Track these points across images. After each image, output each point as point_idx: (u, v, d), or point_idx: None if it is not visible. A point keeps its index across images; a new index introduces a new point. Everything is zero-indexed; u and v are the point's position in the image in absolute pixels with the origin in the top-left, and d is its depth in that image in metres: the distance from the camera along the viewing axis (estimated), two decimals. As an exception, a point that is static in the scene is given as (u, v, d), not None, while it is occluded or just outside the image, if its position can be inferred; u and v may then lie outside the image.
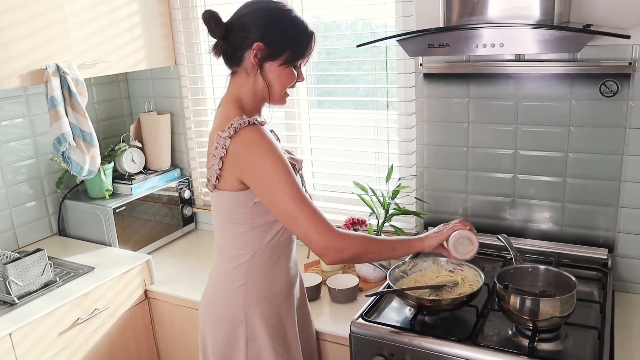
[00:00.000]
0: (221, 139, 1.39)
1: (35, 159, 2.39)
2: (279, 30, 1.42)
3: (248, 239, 1.49)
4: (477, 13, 1.68)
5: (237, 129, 1.38)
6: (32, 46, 1.96)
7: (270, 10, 1.43)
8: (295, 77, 1.49)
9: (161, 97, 2.70)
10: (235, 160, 1.39)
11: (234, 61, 1.46)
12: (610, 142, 1.83)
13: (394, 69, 2.14)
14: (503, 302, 1.57)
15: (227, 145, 1.38)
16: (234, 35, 1.43)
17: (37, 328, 1.81)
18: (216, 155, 1.41)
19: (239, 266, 1.51)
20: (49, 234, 2.48)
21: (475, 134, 2.03)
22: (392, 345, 1.61)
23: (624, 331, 1.68)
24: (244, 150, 1.37)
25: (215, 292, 1.57)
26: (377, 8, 2.13)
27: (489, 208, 2.08)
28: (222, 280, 1.55)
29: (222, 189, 1.45)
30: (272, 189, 1.37)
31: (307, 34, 1.46)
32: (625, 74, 1.75)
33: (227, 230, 1.51)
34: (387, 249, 1.48)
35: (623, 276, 1.92)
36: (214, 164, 1.43)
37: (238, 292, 1.52)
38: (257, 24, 1.41)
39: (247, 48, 1.42)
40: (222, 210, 1.50)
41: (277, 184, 1.36)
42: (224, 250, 1.54)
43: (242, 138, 1.37)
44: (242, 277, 1.51)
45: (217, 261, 1.57)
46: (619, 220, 1.88)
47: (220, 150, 1.39)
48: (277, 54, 1.43)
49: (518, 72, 1.90)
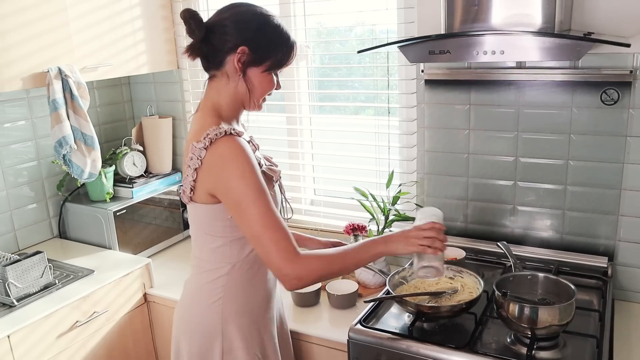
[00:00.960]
0: (196, 150, 1.35)
1: (37, 161, 2.40)
2: (264, 36, 1.40)
3: (226, 253, 1.46)
4: (478, 20, 1.68)
5: (213, 139, 1.33)
6: (35, 49, 1.97)
7: (256, 15, 1.40)
8: (274, 85, 1.46)
9: (163, 101, 2.71)
10: (208, 172, 1.35)
11: (214, 64, 1.42)
12: (611, 150, 1.83)
13: (395, 75, 2.15)
14: (502, 309, 1.56)
15: (203, 156, 1.35)
16: (215, 37, 1.38)
17: (36, 330, 1.81)
18: (191, 166, 1.38)
19: (216, 279, 1.48)
20: (49, 236, 2.48)
21: (476, 140, 2.03)
22: (390, 352, 1.61)
23: (624, 340, 1.68)
24: (219, 162, 1.33)
25: (192, 304, 1.54)
26: (379, 14, 2.13)
27: (489, 215, 2.08)
28: (199, 293, 1.52)
29: (198, 202, 1.42)
30: (242, 207, 1.33)
31: (290, 42, 1.44)
32: (626, 82, 1.75)
33: (205, 243, 1.48)
34: (352, 262, 1.43)
35: (623, 285, 1.91)
36: (188, 175, 1.39)
37: (215, 305, 1.49)
38: (241, 28, 1.37)
39: (230, 52, 1.38)
40: (198, 222, 1.47)
41: (246, 202, 1.32)
42: (202, 263, 1.51)
43: (217, 149, 1.33)
44: (219, 291, 1.48)
45: (195, 273, 1.54)
46: (619, 229, 1.88)
47: (195, 161, 1.36)
48: (261, 59, 1.40)
49: (519, 80, 1.90)
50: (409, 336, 1.62)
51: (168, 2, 2.50)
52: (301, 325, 1.84)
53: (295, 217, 2.46)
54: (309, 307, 1.95)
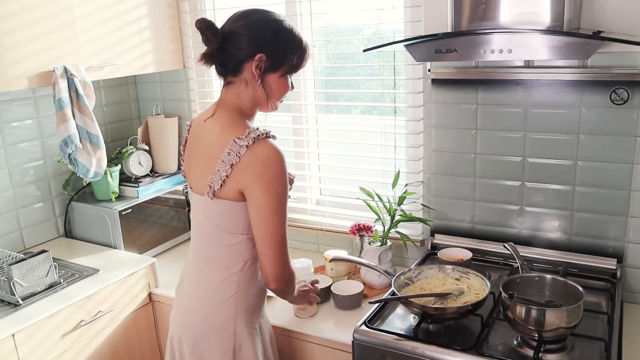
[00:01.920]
0: (236, 146, 1.37)
1: (43, 160, 2.41)
2: (280, 42, 1.42)
3: (241, 249, 1.48)
4: (486, 19, 1.67)
5: (255, 139, 1.37)
6: (41, 48, 1.98)
7: (270, 22, 1.42)
8: (289, 87, 1.50)
9: (169, 101, 2.71)
10: (247, 170, 1.37)
11: (231, 71, 1.45)
12: (620, 151, 1.81)
13: (402, 75, 2.13)
14: (508, 311, 1.54)
15: (242, 153, 1.37)
16: (231, 45, 1.41)
17: (41, 329, 1.81)
18: (226, 162, 1.38)
19: (231, 276, 1.49)
20: (55, 235, 2.49)
21: (483, 140, 2.01)
22: (395, 353, 1.59)
23: (632, 343, 1.65)
24: (261, 164, 1.37)
25: (203, 302, 1.53)
26: (385, 13, 2.12)
27: (497, 216, 2.06)
28: (213, 292, 1.51)
29: (223, 198, 1.43)
30: (269, 210, 1.39)
31: (304, 45, 1.47)
32: (636, 81, 1.73)
33: (221, 241, 1.49)
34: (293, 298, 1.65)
35: (632, 287, 1.89)
36: (220, 170, 1.39)
37: (229, 302, 1.50)
38: (257, 36, 1.40)
39: (247, 59, 1.41)
40: (217, 219, 1.47)
41: (275, 207, 1.39)
42: (214, 261, 1.51)
43: (261, 151, 1.37)
44: (233, 287, 1.50)
45: (203, 273, 1.53)
46: (628, 230, 1.85)
47: (234, 157, 1.37)
48: (278, 65, 1.43)
49: (527, 79, 1.88)
50: (414, 337, 1.60)
51: (174, 1, 2.50)
52: (306, 326, 1.83)
53: (301, 217, 2.46)
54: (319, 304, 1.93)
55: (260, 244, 1.42)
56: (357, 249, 2.15)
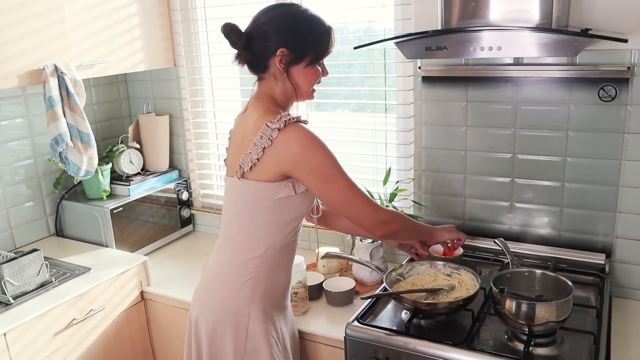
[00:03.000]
0: (268, 130, 1.42)
1: (33, 159, 2.39)
2: (299, 33, 1.46)
3: (263, 234, 1.51)
4: (476, 16, 1.68)
5: (287, 122, 1.41)
6: (31, 46, 1.97)
7: (288, 15, 1.46)
8: (320, 74, 1.54)
9: (160, 99, 2.70)
10: (284, 153, 1.42)
11: (259, 69, 1.50)
12: (608, 147, 1.83)
13: (393, 72, 2.14)
14: (499, 306, 1.56)
15: (274, 137, 1.41)
16: (255, 44, 1.46)
17: (32, 328, 1.81)
18: (258, 145, 1.43)
19: (251, 260, 1.53)
20: (46, 234, 2.47)
21: (473, 137, 2.02)
22: (387, 349, 1.60)
23: (621, 337, 1.67)
24: (296, 145, 1.42)
25: (222, 283, 1.57)
26: (376, 11, 2.13)
27: (487, 212, 2.07)
28: (232, 273, 1.55)
29: (251, 179, 1.47)
30: (329, 181, 1.44)
31: (326, 30, 1.50)
32: (624, 78, 1.75)
33: (244, 223, 1.52)
34: (416, 229, 1.67)
35: (621, 282, 1.91)
36: (252, 152, 1.45)
37: (246, 285, 1.53)
38: (277, 31, 1.44)
39: (272, 55, 1.45)
40: (244, 200, 1.51)
41: (333, 176, 1.45)
42: (237, 243, 1.55)
43: (292, 133, 1.42)
44: (252, 271, 1.53)
45: (227, 253, 1.58)
46: (617, 226, 1.88)
47: (266, 140, 1.42)
48: (301, 56, 1.47)
49: (516, 76, 1.90)
50: (406, 333, 1.62)
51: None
52: (298, 323, 1.83)
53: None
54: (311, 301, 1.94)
55: (340, 209, 1.50)
56: (349, 246, 2.16)
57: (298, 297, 1.87)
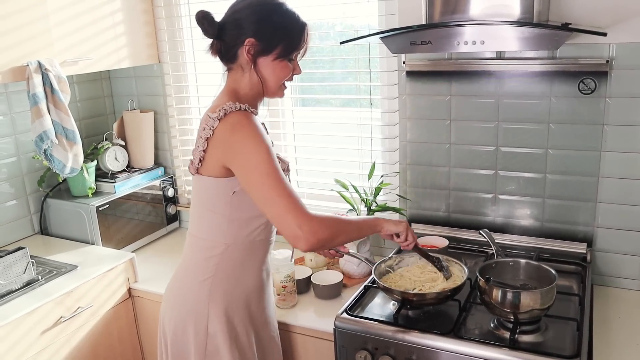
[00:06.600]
0: (210, 120, 1.40)
1: (17, 157, 2.37)
2: (269, 25, 1.43)
3: (224, 231, 1.49)
4: (459, 11, 1.71)
5: (227, 112, 1.39)
6: (14, 43, 1.95)
7: (262, 5, 1.44)
8: (290, 70, 1.50)
9: (144, 96, 2.69)
10: (219, 141, 1.39)
11: (228, 59, 1.48)
12: (588, 139, 1.87)
13: (377, 67, 2.16)
14: (485, 295, 1.59)
15: (215, 126, 1.39)
16: (227, 33, 1.44)
17: (19, 327, 1.79)
18: (202, 137, 1.42)
19: (210, 258, 1.51)
20: (30, 232, 2.45)
21: (457, 131, 2.06)
22: (376, 339, 1.63)
23: (602, 323, 1.72)
24: (229, 131, 1.37)
25: (184, 282, 1.56)
26: (360, 7, 2.14)
27: (471, 204, 2.11)
28: (192, 271, 1.54)
29: (204, 174, 1.46)
30: (253, 171, 1.35)
31: (299, 25, 1.47)
32: (603, 71, 1.79)
33: (204, 220, 1.51)
34: (355, 230, 1.49)
35: (601, 270, 1.96)
36: (198, 145, 1.43)
37: (205, 284, 1.51)
38: (248, 20, 1.42)
39: (240, 45, 1.43)
40: (200, 197, 1.50)
41: (257, 166, 1.34)
42: (198, 241, 1.53)
43: (229, 119, 1.38)
44: (211, 269, 1.51)
45: (189, 251, 1.57)
46: (597, 216, 1.92)
47: (208, 131, 1.40)
48: (269, 48, 1.44)
49: (499, 70, 1.93)
50: (394, 323, 1.64)
51: (148, -5, 2.48)
52: (287, 316, 1.85)
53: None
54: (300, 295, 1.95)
55: (262, 208, 1.38)
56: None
57: (286, 291, 1.89)
